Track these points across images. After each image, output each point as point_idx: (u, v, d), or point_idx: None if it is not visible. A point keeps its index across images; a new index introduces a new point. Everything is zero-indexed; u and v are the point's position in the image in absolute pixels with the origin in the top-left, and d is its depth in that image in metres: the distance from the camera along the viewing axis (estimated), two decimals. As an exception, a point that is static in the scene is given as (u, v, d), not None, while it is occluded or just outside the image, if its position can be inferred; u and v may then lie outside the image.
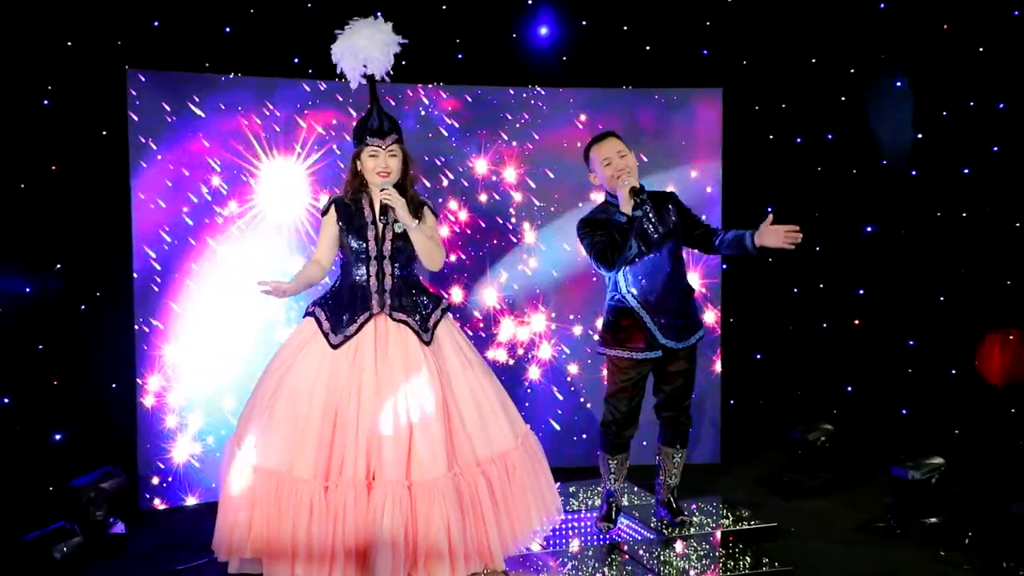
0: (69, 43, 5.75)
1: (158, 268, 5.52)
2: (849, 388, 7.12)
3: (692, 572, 4.45)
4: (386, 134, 4.49)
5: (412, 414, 4.20)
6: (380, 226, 4.48)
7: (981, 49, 6.71)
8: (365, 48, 4.52)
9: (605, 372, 5.14)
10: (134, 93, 5.46)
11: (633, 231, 4.72)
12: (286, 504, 4.10)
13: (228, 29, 6.07)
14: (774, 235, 4.78)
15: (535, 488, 4.42)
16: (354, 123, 4.65)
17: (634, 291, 4.86)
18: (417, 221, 4.42)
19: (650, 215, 4.85)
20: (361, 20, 4.57)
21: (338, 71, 4.59)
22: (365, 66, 4.53)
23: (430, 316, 4.46)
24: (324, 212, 4.58)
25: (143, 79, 5.47)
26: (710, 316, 6.34)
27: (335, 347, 4.30)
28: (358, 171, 4.54)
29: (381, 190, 4.41)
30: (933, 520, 5.05)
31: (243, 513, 4.19)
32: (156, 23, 5.92)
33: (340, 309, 4.40)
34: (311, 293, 4.82)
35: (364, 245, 4.46)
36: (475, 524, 4.22)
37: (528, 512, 4.37)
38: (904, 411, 6.92)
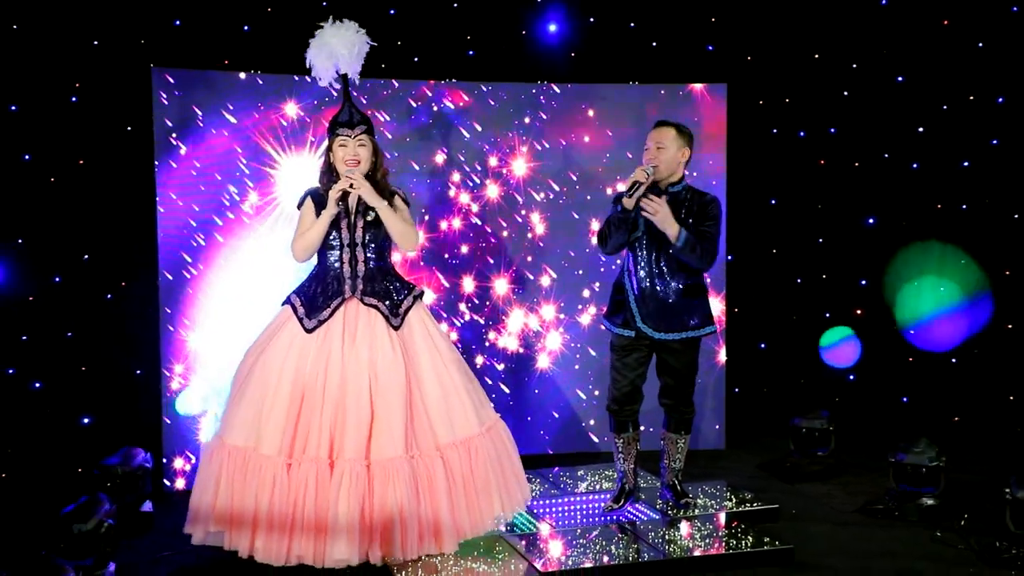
0: (95, 42, 5.93)
1: (187, 260, 5.70)
2: (851, 377, 7.25)
3: (697, 551, 4.61)
4: (355, 125, 4.68)
5: (375, 396, 4.39)
6: (352, 215, 4.66)
7: (980, 45, 6.85)
8: (337, 48, 4.72)
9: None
10: (158, 91, 5.63)
11: (626, 224, 4.91)
12: (250, 479, 4.31)
13: (247, 28, 6.24)
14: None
15: (499, 475, 4.58)
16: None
17: (630, 271, 5.08)
18: (386, 202, 4.60)
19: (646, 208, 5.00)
20: (332, 24, 4.77)
21: (313, 73, 4.79)
22: (337, 66, 4.73)
23: (402, 302, 4.62)
24: (300, 204, 4.73)
25: (167, 77, 5.65)
26: (716, 307, 6.48)
27: (309, 331, 4.49)
28: (331, 163, 4.73)
29: (344, 176, 4.59)
30: (930, 502, 5.19)
31: (211, 486, 4.41)
32: (177, 22, 6.10)
33: (315, 296, 4.59)
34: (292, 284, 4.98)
35: (338, 233, 4.64)
36: (430, 506, 4.37)
37: (490, 497, 4.53)
38: (904, 399, 7.07)
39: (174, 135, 5.66)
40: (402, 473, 4.30)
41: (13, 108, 5.74)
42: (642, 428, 5.31)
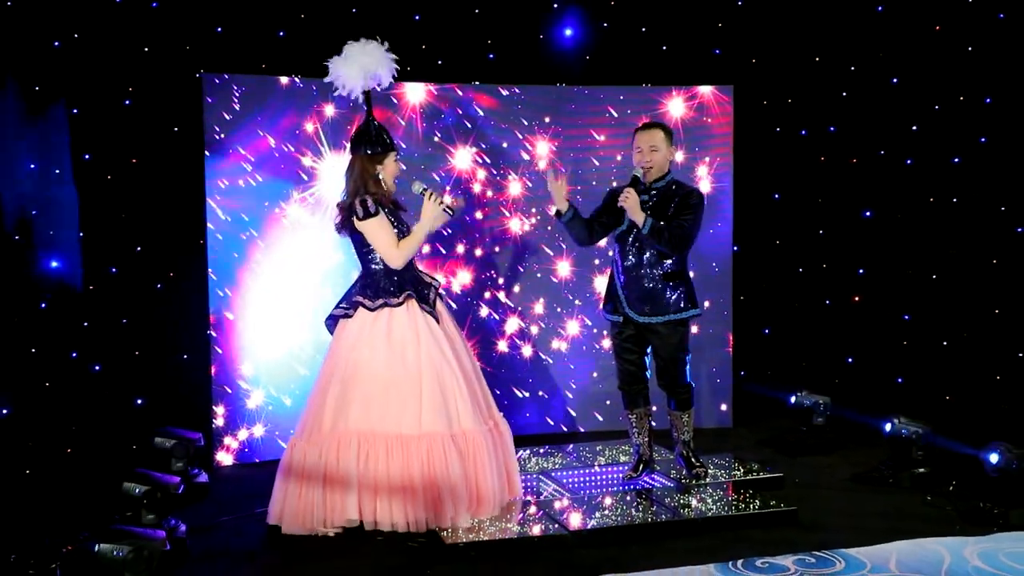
0: (146, 49, 6.33)
1: (234, 255, 6.08)
2: (850, 359, 7.55)
3: (708, 512, 5.05)
4: (396, 145, 5.22)
5: (442, 377, 5.02)
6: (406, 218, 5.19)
7: (970, 49, 7.10)
8: (369, 65, 5.15)
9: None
10: (207, 94, 6.01)
11: (572, 227, 5.45)
12: (455, 454, 4.95)
13: (282, 33, 6.61)
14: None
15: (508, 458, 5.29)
16: (354, 129, 5.32)
17: (617, 262, 5.53)
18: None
19: (649, 203, 5.40)
20: (357, 43, 5.17)
21: (337, 83, 5.16)
22: (379, 79, 5.17)
23: (428, 295, 5.13)
24: (374, 213, 4.99)
25: (215, 81, 6.03)
26: (725, 295, 6.87)
27: (435, 317, 5.09)
28: (377, 175, 5.09)
29: (423, 191, 5.11)
30: (922, 470, 5.60)
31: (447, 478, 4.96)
32: (219, 29, 6.47)
33: (418, 288, 5.08)
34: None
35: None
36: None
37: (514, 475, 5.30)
38: (899, 379, 7.39)
39: (221, 135, 6.04)
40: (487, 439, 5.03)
41: (75, 111, 6.15)
42: (654, 408, 5.72)
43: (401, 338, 4.98)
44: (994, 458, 5.14)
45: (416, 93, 6.42)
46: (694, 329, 6.31)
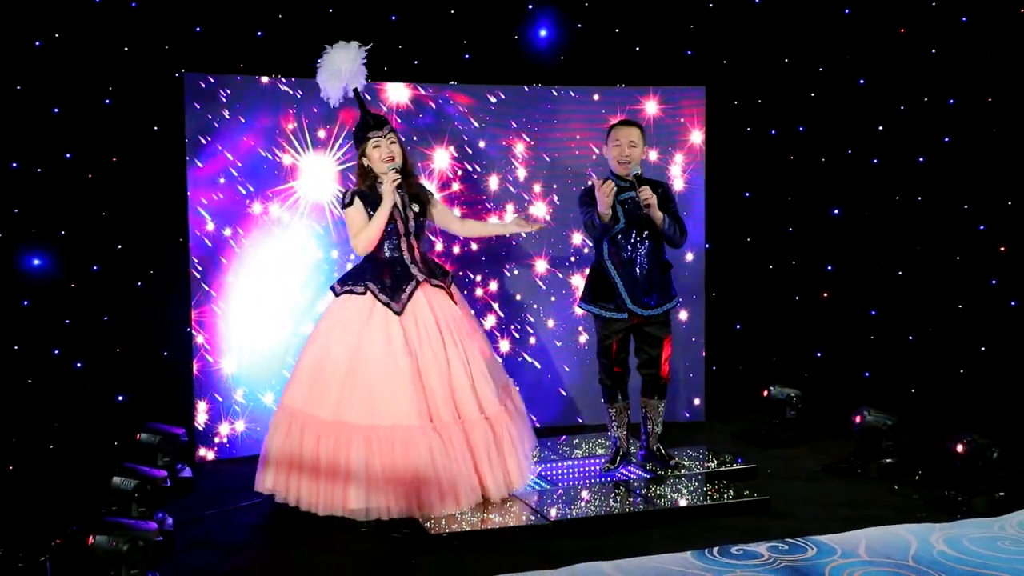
0: (126, 49, 6.37)
1: (216, 254, 6.12)
2: (819, 354, 7.71)
3: (683, 502, 5.19)
4: (382, 126, 5.21)
5: (451, 367, 5.05)
6: (404, 208, 5.19)
7: (934, 51, 7.28)
8: (340, 64, 5.28)
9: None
10: (188, 93, 6.03)
11: (607, 228, 5.47)
12: (410, 450, 4.97)
13: (260, 33, 6.66)
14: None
15: (523, 445, 5.41)
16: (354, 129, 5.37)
17: (614, 260, 5.59)
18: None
19: (632, 197, 5.50)
20: (333, 47, 5.31)
21: (324, 95, 5.32)
22: (346, 85, 5.30)
23: (450, 283, 5.26)
24: (349, 204, 5.17)
25: (196, 81, 6.06)
26: (697, 291, 6.98)
27: (399, 314, 5.05)
28: (366, 168, 5.23)
29: (387, 172, 5.10)
30: (889, 461, 5.76)
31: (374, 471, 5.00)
32: (198, 29, 6.52)
33: (388, 282, 5.12)
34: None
35: (393, 225, 5.17)
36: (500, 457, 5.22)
37: (519, 463, 5.39)
38: (867, 373, 7.55)
39: (201, 134, 6.07)
40: (484, 431, 5.12)
41: (56, 111, 6.19)
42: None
43: (352, 326, 5.13)
44: (958, 448, 5.30)
45: (393, 93, 6.49)
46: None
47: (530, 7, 7.22)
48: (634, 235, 5.55)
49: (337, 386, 5.03)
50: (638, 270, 5.55)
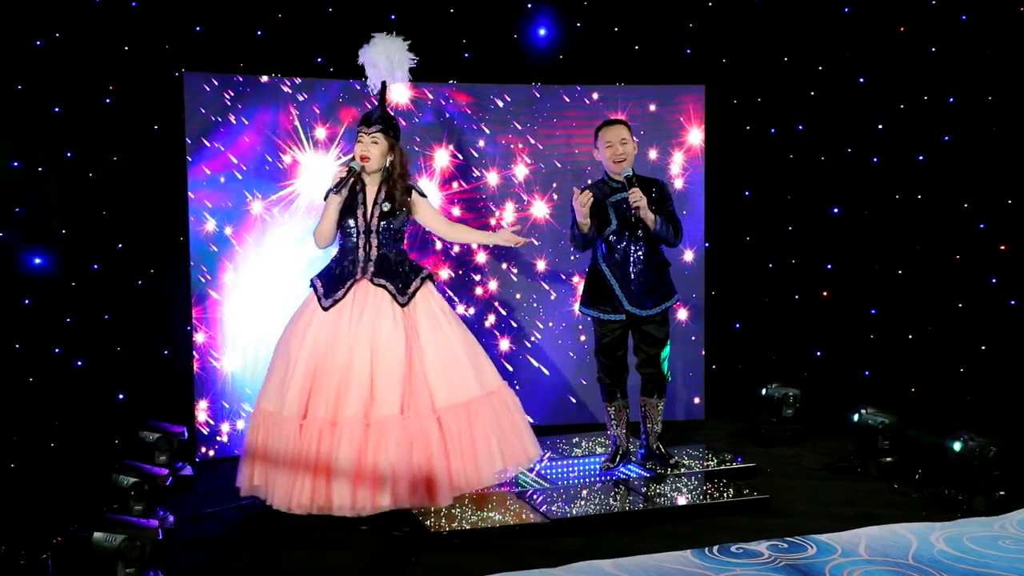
0: (126, 48, 6.37)
1: (216, 252, 6.13)
2: (818, 353, 7.72)
3: (682, 500, 5.20)
4: (372, 123, 5.08)
5: (375, 363, 4.85)
6: (369, 205, 5.13)
7: (933, 49, 7.28)
8: (376, 57, 5.19)
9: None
10: (188, 92, 6.03)
11: (588, 238, 5.49)
12: (275, 437, 4.83)
13: (260, 32, 6.67)
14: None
15: (500, 434, 4.96)
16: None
17: (609, 262, 5.60)
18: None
19: (626, 198, 5.50)
20: (380, 36, 5.22)
21: (367, 76, 5.24)
22: (380, 75, 5.21)
23: (410, 283, 5.06)
24: (325, 198, 5.06)
25: (194, 79, 6.07)
26: (697, 290, 6.99)
27: (325, 309, 4.97)
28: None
29: (345, 164, 5.05)
30: (889, 459, 5.77)
31: (251, 447, 4.91)
32: (198, 28, 6.52)
33: (334, 278, 5.06)
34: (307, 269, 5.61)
35: (355, 222, 5.12)
36: (423, 463, 4.78)
37: (490, 454, 4.90)
38: (867, 372, 7.56)
39: (201, 133, 6.07)
40: (395, 431, 4.74)
41: (57, 110, 6.20)
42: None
43: (295, 319, 5.12)
44: (957, 447, 5.31)
45: (393, 92, 6.47)
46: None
47: (529, 6, 7.23)
48: (627, 236, 5.56)
49: (272, 376, 5.04)
50: (632, 271, 5.56)
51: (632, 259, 5.56)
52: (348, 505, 4.66)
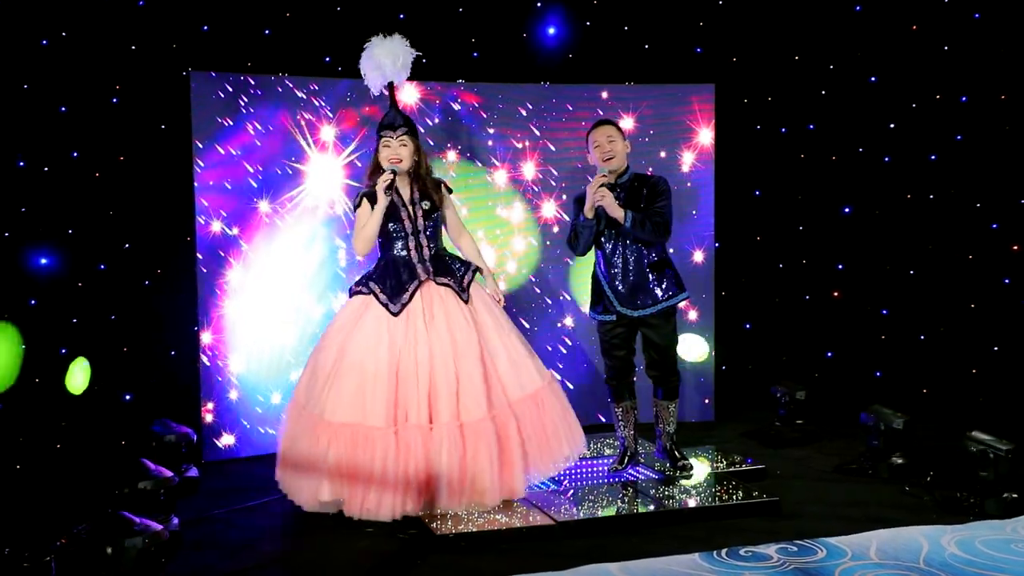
0: (133, 47, 6.35)
1: (222, 253, 6.12)
2: (829, 353, 7.67)
3: (691, 503, 5.16)
4: (397, 127, 5.18)
5: (459, 365, 4.94)
6: (411, 206, 5.18)
7: (946, 48, 7.23)
8: (381, 58, 5.26)
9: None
10: (195, 91, 6.03)
11: (590, 228, 5.44)
12: (363, 449, 4.81)
13: (267, 32, 6.65)
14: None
15: (563, 421, 5.19)
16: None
17: (601, 264, 5.61)
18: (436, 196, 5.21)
19: (621, 197, 5.48)
20: (379, 38, 5.28)
21: (366, 83, 5.32)
22: (384, 75, 5.27)
23: (464, 277, 5.18)
24: (357, 206, 5.22)
25: (201, 79, 6.06)
26: (707, 290, 6.95)
27: (395, 315, 5.00)
28: (377, 163, 5.23)
29: (385, 171, 5.08)
30: (900, 461, 5.71)
31: (321, 463, 4.89)
32: (206, 28, 6.51)
33: (391, 282, 5.10)
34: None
35: (400, 224, 5.16)
36: (506, 458, 4.96)
37: (560, 442, 5.14)
38: (878, 373, 7.51)
39: (208, 133, 6.07)
40: (489, 431, 4.90)
41: (63, 109, 6.18)
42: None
43: (346, 326, 5.15)
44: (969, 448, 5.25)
45: (402, 91, 6.46)
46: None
47: (538, 5, 7.21)
48: (615, 236, 5.53)
49: (323, 384, 5.04)
50: (621, 271, 5.53)
51: (620, 259, 5.53)
52: (453, 506, 4.85)
